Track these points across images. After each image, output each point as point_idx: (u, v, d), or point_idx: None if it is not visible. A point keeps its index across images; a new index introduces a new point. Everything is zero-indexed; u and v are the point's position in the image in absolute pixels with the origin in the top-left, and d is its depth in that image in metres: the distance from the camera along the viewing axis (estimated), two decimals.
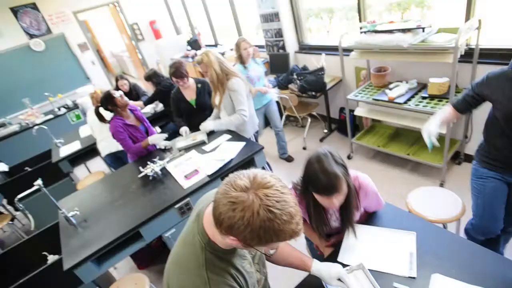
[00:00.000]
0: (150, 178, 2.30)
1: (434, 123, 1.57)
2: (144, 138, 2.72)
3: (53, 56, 6.14)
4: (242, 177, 0.75)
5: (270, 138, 4.17)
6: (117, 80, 3.87)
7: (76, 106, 5.14)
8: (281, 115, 3.98)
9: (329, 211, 1.36)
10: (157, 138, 2.67)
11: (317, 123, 4.16)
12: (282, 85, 3.63)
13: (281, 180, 0.76)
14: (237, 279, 0.86)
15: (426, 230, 1.32)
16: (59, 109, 5.24)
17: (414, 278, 1.12)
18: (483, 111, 2.58)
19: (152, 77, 3.62)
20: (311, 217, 1.32)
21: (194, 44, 6.02)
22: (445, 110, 1.64)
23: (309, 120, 3.82)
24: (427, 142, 1.56)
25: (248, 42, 3.04)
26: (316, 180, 1.11)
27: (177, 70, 2.72)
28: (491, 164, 1.54)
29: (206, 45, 6.12)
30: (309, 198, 1.25)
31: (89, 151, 3.53)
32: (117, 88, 3.78)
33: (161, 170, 2.32)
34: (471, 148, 2.70)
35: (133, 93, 3.99)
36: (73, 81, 6.29)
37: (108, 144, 3.12)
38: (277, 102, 3.80)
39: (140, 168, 2.35)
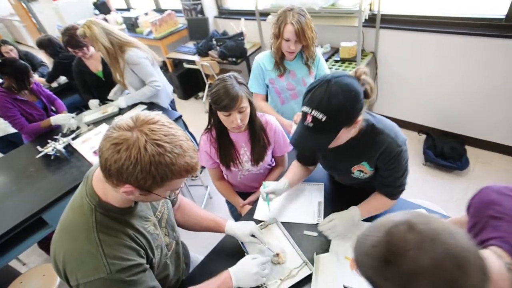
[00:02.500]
0: (52, 157, 2.03)
1: (277, 183, 1.25)
2: (41, 115, 2.33)
3: None
4: (125, 119, 0.69)
5: (196, 109, 4.03)
6: None
7: None
8: (204, 84, 3.84)
9: (240, 150, 1.41)
10: (62, 118, 2.30)
11: None
12: (202, 52, 3.46)
13: (168, 118, 0.73)
14: (137, 240, 0.80)
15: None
16: None
17: None
18: (385, 70, 2.82)
19: (45, 45, 3.06)
20: (223, 153, 1.37)
21: (102, 7, 5.27)
22: (292, 167, 1.36)
23: None
24: (263, 198, 1.22)
25: (302, 20, 1.50)
26: (218, 98, 1.16)
27: (72, 38, 2.26)
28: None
29: (117, 9, 5.43)
30: (218, 131, 1.33)
31: None
32: (1, 55, 3.12)
33: (65, 147, 2.06)
34: (378, 108, 3.00)
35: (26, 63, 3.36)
36: None
37: None
38: (198, 70, 3.62)
39: (39, 147, 2.05)
